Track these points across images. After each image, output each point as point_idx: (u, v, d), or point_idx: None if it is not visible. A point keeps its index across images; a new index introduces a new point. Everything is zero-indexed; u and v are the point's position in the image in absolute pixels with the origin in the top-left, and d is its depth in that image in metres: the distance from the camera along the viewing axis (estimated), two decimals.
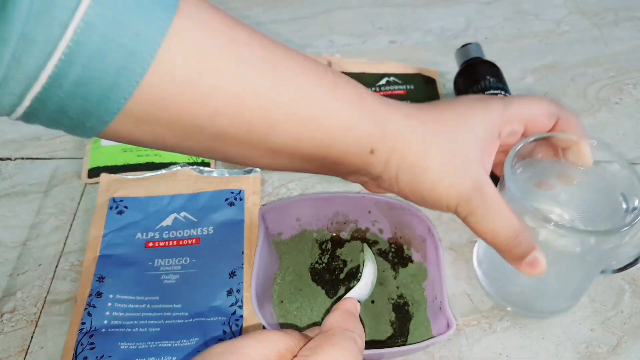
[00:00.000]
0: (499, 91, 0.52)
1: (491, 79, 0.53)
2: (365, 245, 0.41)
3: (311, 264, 0.42)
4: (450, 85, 0.60)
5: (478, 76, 0.54)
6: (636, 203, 0.35)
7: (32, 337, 0.40)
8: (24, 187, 0.49)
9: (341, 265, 0.42)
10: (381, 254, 0.42)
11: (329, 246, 0.43)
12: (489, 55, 0.58)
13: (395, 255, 0.42)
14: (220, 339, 0.38)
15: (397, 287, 0.41)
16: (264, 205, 0.36)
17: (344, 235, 0.42)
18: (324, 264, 0.42)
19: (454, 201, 0.30)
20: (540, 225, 0.35)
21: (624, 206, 0.36)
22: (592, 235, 0.36)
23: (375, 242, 0.43)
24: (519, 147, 0.38)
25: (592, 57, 0.64)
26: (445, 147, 0.30)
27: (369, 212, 0.40)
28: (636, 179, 0.36)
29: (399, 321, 0.39)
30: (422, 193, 0.30)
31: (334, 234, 0.43)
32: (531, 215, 0.34)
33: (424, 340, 0.35)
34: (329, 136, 0.28)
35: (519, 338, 0.40)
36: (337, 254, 0.42)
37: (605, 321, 0.41)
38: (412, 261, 0.42)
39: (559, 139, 0.37)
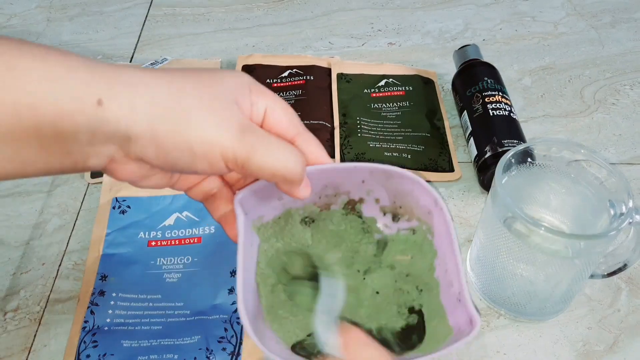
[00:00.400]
0: (496, 92, 0.53)
1: (489, 80, 0.54)
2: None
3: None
4: (448, 87, 0.61)
5: (476, 77, 0.55)
6: (623, 209, 0.36)
7: (35, 335, 0.40)
8: (27, 187, 0.50)
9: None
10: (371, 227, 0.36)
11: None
12: (486, 57, 0.58)
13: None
14: (221, 337, 0.39)
15: (397, 267, 0.36)
16: (239, 190, 0.30)
17: (335, 208, 0.36)
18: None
19: (229, 141, 0.26)
20: (530, 230, 0.35)
21: (612, 212, 0.37)
22: (580, 239, 0.37)
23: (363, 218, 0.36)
24: (510, 153, 0.38)
25: (589, 58, 0.65)
26: (201, 89, 0.27)
27: (363, 181, 0.34)
28: (623, 185, 0.37)
29: (410, 312, 0.34)
30: (189, 141, 0.26)
31: (322, 209, 0.36)
32: (522, 221, 0.35)
33: (445, 342, 0.31)
34: (29, 93, 0.24)
35: (516, 336, 0.41)
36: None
37: (602, 320, 0.42)
38: (414, 232, 0.35)
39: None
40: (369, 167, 0.33)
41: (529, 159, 0.40)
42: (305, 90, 0.58)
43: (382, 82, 0.60)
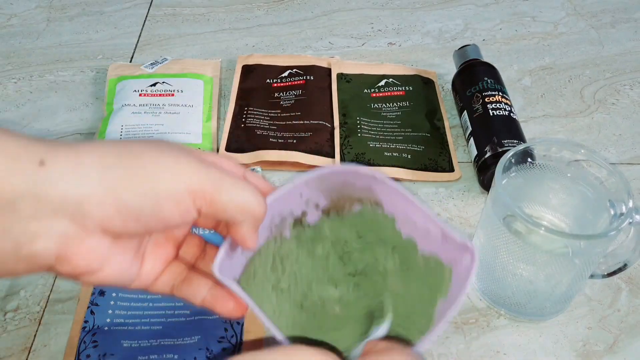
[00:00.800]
0: (496, 92, 0.53)
1: (489, 80, 0.54)
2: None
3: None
4: (448, 87, 0.61)
5: (476, 77, 0.55)
6: (623, 209, 0.36)
7: (35, 335, 0.40)
8: None
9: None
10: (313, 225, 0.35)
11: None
12: (486, 57, 0.58)
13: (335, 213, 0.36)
14: (221, 337, 0.39)
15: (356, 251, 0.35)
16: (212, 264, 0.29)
17: (286, 233, 0.35)
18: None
19: (195, 175, 0.25)
20: (530, 230, 0.36)
21: (612, 212, 0.37)
22: (580, 239, 0.37)
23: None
24: (510, 153, 0.39)
25: (589, 58, 0.65)
26: (146, 143, 0.25)
27: (301, 195, 0.34)
28: (623, 185, 0.37)
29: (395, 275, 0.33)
30: (151, 181, 0.23)
31: (276, 239, 0.35)
32: (522, 220, 0.35)
33: (450, 279, 0.30)
34: None
35: (516, 336, 0.41)
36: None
37: (602, 319, 0.42)
38: (361, 214, 0.35)
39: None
40: (304, 180, 0.33)
41: (529, 159, 0.40)
42: (305, 90, 0.58)
43: (382, 82, 0.60)
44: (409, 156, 0.52)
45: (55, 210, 0.22)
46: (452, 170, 0.52)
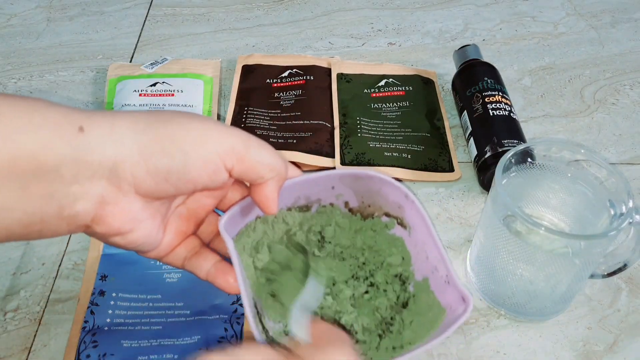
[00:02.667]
0: (496, 92, 0.53)
1: (489, 80, 0.54)
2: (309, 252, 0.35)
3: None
4: (448, 87, 0.61)
5: (476, 77, 0.55)
6: (623, 209, 0.36)
7: (35, 335, 0.40)
8: None
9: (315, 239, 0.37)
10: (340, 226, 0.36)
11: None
12: (486, 57, 0.58)
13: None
14: (221, 337, 0.39)
15: (367, 263, 0.36)
16: (221, 215, 0.30)
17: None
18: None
19: (224, 134, 0.26)
20: (530, 230, 0.36)
21: (612, 212, 0.37)
22: (580, 239, 0.37)
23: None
24: (510, 153, 0.39)
25: (589, 58, 0.65)
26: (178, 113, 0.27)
27: (332, 187, 0.35)
28: (623, 185, 0.37)
29: (395, 307, 0.35)
30: (179, 141, 0.25)
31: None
32: (522, 220, 0.35)
33: (441, 323, 0.31)
34: (4, 125, 0.21)
35: (516, 336, 0.41)
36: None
37: (602, 320, 0.42)
38: (387, 228, 0.36)
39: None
40: (339, 173, 0.34)
41: (529, 159, 0.40)
42: (305, 90, 0.58)
43: (382, 82, 0.60)
44: (409, 156, 0.52)
45: (93, 173, 0.23)
46: (452, 170, 0.52)
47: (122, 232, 0.26)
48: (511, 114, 0.51)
